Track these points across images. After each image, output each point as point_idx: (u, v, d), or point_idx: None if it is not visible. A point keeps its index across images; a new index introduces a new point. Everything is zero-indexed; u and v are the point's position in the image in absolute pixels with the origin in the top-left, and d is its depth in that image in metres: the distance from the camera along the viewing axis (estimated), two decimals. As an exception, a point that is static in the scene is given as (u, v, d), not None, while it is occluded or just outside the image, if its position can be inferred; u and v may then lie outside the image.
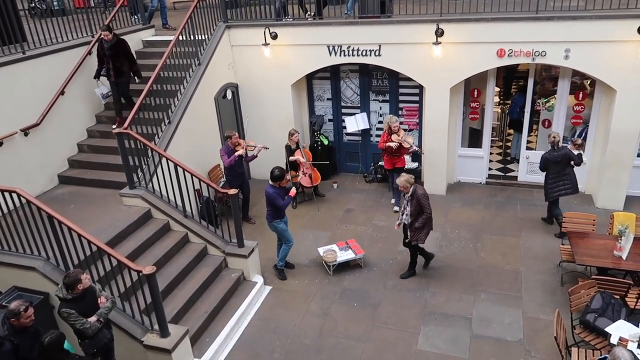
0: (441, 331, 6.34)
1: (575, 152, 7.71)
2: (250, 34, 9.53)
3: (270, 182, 7.09)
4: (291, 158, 9.09)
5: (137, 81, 8.55)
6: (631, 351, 4.26)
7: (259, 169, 8.96)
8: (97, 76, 8.48)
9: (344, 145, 10.71)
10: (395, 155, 8.75)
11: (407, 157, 9.27)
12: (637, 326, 5.23)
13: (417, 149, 9.12)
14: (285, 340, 6.39)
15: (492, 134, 10.08)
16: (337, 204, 9.53)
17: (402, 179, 6.87)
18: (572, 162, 7.71)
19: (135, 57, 8.72)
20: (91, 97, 8.76)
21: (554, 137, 7.74)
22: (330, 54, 9.26)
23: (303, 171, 9.29)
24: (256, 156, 8.60)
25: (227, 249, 7.22)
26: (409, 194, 6.88)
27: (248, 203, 9.01)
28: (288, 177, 7.31)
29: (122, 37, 8.47)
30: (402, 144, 8.44)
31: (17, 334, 4.74)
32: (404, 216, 7.02)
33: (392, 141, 8.46)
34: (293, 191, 7.26)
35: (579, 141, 7.91)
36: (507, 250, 7.85)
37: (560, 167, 7.68)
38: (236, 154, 8.17)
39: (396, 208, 8.98)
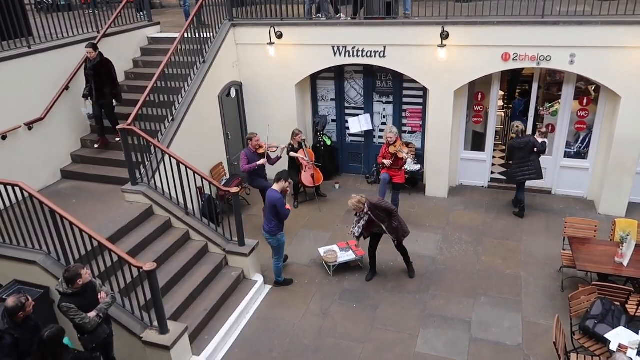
0: (440, 334, 6.34)
1: (540, 141, 8.20)
2: (256, 33, 9.54)
3: (274, 186, 6.85)
4: (292, 154, 9.04)
5: (114, 104, 8.19)
6: (631, 358, 4.26)
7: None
8: (85, 95, 8.23)
9: (347, 146, 10.70)
10: (396, 168, 8.41)
11: (410, 160, 9.23)
12: (637, 333, 5.22)
13: (410, 158, 9.01)
14: (284, 339, 6.39)
15: (495, 137, 10.07)
16: (339, 205, 9.52)
17: (354, 201, 6.74)
18: (535, 149, 8.18)
19: (117, 79, 8.33)
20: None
21: (517, 126, 8.36)
22: (335, 54, 9.27)
23: (305, 170, 9.28)
24: (280, 157, 8.45)
25: (227, 247, 7.23)
26: (365, 211, 6.78)
27: None
28: (288, 184, 7.13)
29: (120, 34, 8.31)
30: (397, 154, 8.31)
31: (17, 328, 4.76)
32: (358, 229, 6.97)
33: (390, 153, 8.24)
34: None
35: (544, 129, 8.51)
36: (508, 254, 7.84)
37: (524, 153, 8.25)
38: (257, 163, 7.99)
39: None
